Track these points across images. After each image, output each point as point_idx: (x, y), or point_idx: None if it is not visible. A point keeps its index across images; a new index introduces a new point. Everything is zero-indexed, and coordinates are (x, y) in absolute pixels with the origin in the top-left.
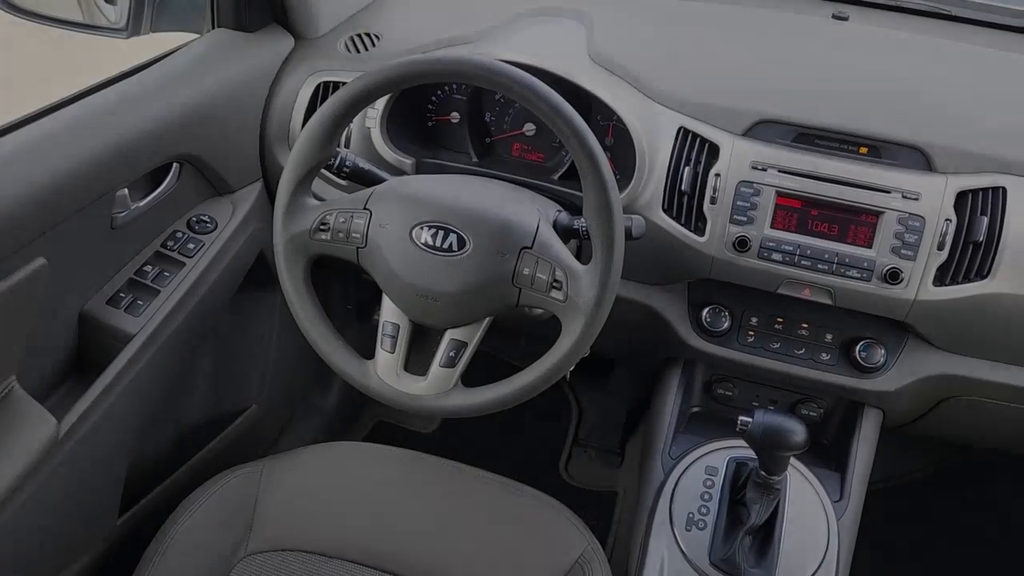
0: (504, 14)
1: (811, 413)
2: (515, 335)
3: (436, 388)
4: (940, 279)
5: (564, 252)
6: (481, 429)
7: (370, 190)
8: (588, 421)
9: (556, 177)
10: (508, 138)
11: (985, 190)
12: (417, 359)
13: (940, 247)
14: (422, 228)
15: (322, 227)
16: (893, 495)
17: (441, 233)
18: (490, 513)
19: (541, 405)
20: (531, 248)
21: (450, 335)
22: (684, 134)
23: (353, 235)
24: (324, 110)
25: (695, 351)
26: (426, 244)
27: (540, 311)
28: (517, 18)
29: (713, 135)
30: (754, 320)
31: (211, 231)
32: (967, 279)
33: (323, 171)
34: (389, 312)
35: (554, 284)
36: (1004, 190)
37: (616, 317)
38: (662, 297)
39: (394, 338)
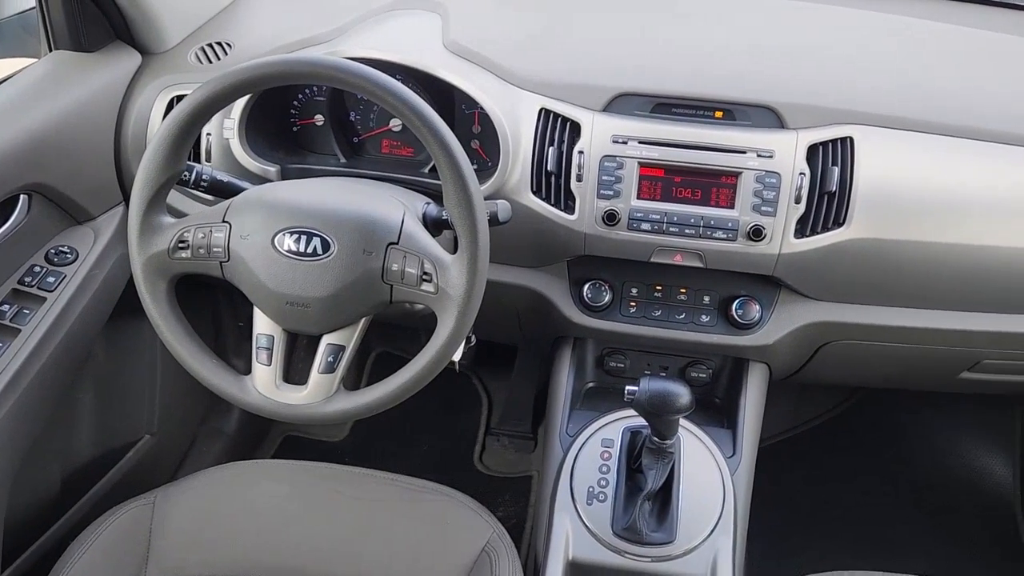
0: (358, 12)
1: (700, 375)
2: (415, 332)
3: (317, 395)
4: (800, 231)
5: (431, 244)
6: (393, 430)
7: (228, 202)
8: (498, 409)
9: (426, 170)
10: (376, 135)
11: (834, 141)
12: (301, 368)
13: (797, 200)
14: (284, 235)
15: (181, 245)
16: (792, 444)
17: (304, 238)
18: (395, 515)
19: (451, 399)
20: (397, 243)
21: (327, 340)
22: (546, 115)
23: (214, 250)
24: (166, 125)
25: (581, 328)
26: (290, 251)
27: (420, 306)
28: (370, 14)
29: (574, 113)
30: (634, 291)
31: (72, 262)
32: (825, 228)
33: (187, 188)
34: (262, 324)
35: (424, 277)
36: (851, 140)
37: (502, 303)
38: (543, 278)
39: (269, 350)
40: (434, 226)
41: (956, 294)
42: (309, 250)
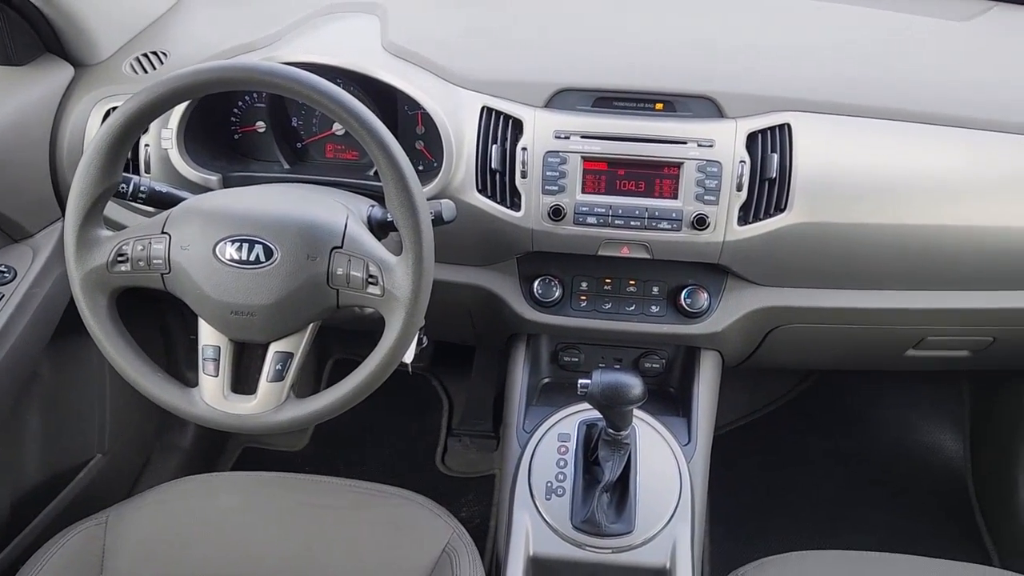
0: (295, 17)
1: (654, 365)
2: (373, 337)
3: (267, 404)
4: (744, 219)
5: (376, 246)
6: (353, 436)
7: (167, 212)
8: (459, 410)
9: (372, 173)
10: (319, 140)
11: (772, 128)
12: (251, 378)
13: (739, 188)
14: (226, 243)
15: (120, 258)
16: (749, 430)
17: (246, 246)
18: (353, 520)
19: (412, 402)
20: (341, 247)
21: (274, 348)
22: (488, 113)
23: (155, 262)
24: (99, 137)
25: (533, 324)
26: (232, 259)
27: (371, 309)
28: (307, 18)
29: (515, 110)
30: (584, 285)
31: (9, 281)
32: (768, 215)
33: (126, 201)
34: (207, 335)
35: (370, 280)
36: (789, 126)
37: (454, 302)
38: (493, 276)
39: (216, 360)
40: (380, 228)
41: (897, 274)
42: (252, 258)
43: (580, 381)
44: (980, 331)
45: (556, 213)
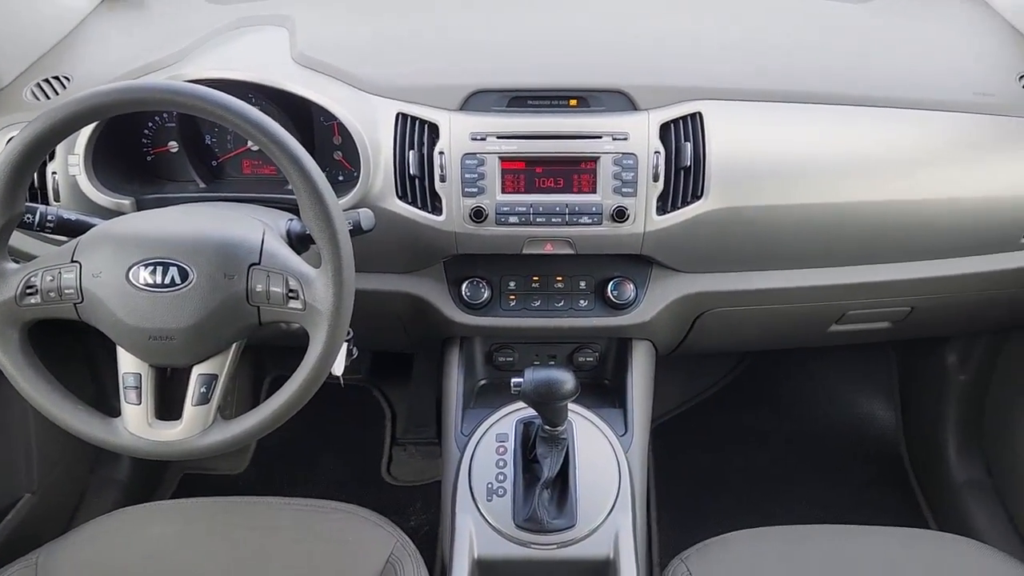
0: (201, 33)
1: (588, 359)
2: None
3: (193, 429)
4: (662, 208)
5: (294, 260)
6: (296, 454)
7: (76, 240)
8: (402, 419)
9: (291, 186)
10: (235, 156)
11: (684, 118)
12: (176, 403)
13: (655, 178)
14: (139, 268)
15: (29, 291)
16: (688, 417)
17: (160, 268)
18: (293, 539)
19: (354, 415)
20: (259, 263)
21: (198, 371)
22: (403, 119)
23: (66, 292)
24: None
25: (464, 327)
26: (147, 283)
27: (296, 325)
28: (215, 34)
29: (430, 114)
30: (512, 284)
31: None
32: (685, 203)
33: (33, 231)
34: (127, 362)
35: (290, 295)
36: (700, 115)
37: (383, 311)
38: (421, 282)
39: (138, 388)
40: (299, 242)
41: (813, 252)
42: (166, 281)
43: (513, 380)
44: (898, 302)
45: (478, 215)
